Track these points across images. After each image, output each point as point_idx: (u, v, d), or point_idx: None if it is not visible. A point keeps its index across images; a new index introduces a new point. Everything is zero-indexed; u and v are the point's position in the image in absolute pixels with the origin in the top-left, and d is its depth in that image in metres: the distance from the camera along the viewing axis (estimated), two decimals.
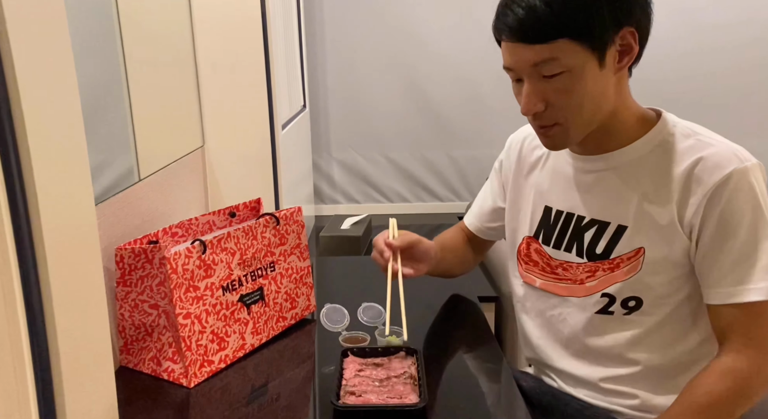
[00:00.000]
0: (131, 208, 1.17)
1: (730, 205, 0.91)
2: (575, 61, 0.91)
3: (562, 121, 0.96)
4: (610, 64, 0.94)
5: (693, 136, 0.98)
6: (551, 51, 0.91)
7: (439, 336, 1.21)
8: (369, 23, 2.47)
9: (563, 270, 1.07)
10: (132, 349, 1.10)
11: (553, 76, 0.92)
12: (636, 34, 0.93)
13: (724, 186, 0.91)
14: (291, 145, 1.87)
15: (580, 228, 1.05)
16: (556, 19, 0.89)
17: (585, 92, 0.93)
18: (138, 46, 1.22)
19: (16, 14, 0.61)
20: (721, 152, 0.94)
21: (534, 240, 1.13)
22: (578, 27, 0.90)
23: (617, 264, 1.00)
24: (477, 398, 1.03)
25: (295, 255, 1.24)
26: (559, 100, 0.94)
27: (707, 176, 0.93)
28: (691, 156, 0.95)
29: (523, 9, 0.91)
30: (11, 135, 0.62)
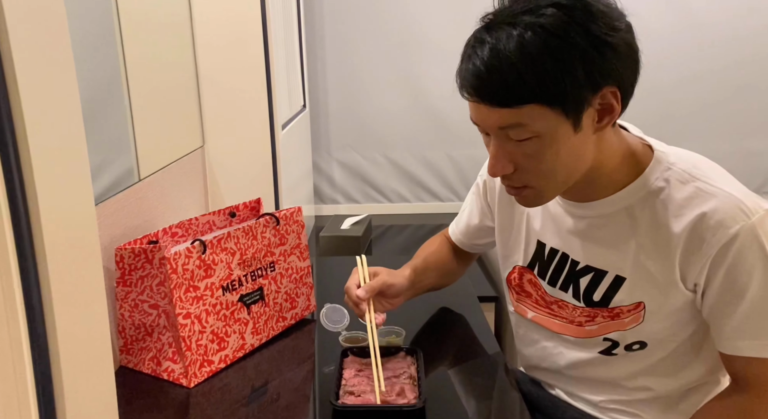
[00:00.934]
0: (131, 208, 1.17)
1: (738, 263, 0.83)
2: (546, 126, 0.80)
3: (533, 184, 0.87)
4: (587, 126, 0.83)
5: (691, 182, 0.87)
6: (518, 116, 0.80)
7: (439, 336, 1.21)
8: (369, 23, 2.47)
9: (559, 308, 1.00)
10: (132, 349, 1.10)
11: (521, 140, 0.82)
12: (618, 93, 0.82)
13: (730, 246, 0.82)
14: (291, 145, 1.87)
15: (575, 271, 0.97)
16: (524, 83, 0.77)
17: (557, 157, 0.83)
18: (138, 46, 1.22)
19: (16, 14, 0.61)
20: (724, 207, 0.83)
21: (528, 271, 1.04)
22: (549, 92, 0.78)
23: (617, 313, 0.93)
24: (476, 398, 1.03)
25: (295, 255, 1.24)
26: (529, 164, 0.84)
27: (711, 236, 0.83)
28: (691, 210, 0.85)
29: (486, 68, 0.78)
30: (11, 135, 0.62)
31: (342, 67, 2.52)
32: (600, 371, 1.01)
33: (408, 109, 2.54)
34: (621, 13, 0.83)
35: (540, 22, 0.77)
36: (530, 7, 0.78)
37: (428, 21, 2.43)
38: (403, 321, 1.19)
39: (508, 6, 0.81)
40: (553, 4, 0.77)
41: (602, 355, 0.98)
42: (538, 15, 0.77)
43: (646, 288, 0.90)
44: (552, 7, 0.77)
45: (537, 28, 0.77)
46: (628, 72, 0.83)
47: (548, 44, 0.77)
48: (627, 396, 1.00)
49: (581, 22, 0.77)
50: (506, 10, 0.81)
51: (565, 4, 0.78)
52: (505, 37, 0.77)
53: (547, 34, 0.77)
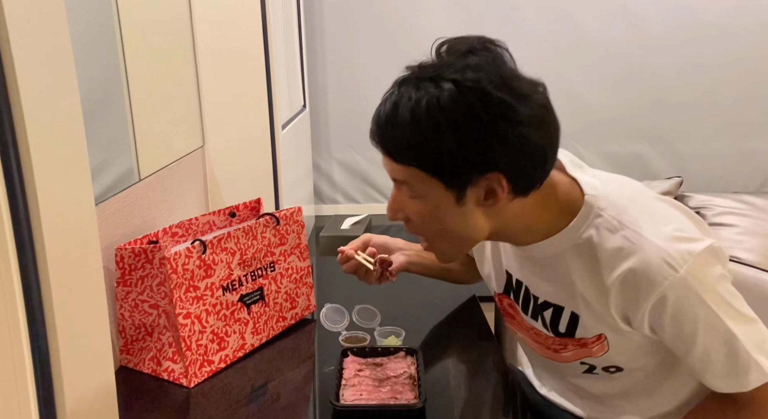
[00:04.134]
0: (131, 208, 1.17)
1: (678, 315, 0.81)
2: (426, 190, 0.81)
3: (427, 240, 0.88)
4: (472, 202, 0.81)
5: (619, 231, 0.83)
6: (404, 174, 0.81)
7: (438, 336, 1.21)
8: (369, 23, 2.47)
9: (535, 334, 0.99)
10: (132, 349, 1.10)
11: (410, 197, 0.83)
12: (503, 180, 0.79)
13: (664, 302, 0.81)
14: (291, 145, 1.87)
15: (537, 305, 0.96)
16: (408, 146, 0.79)
17: (442, 223, 0.84)
18: (138, 47, 1.22)
19: (16, 14, 0.61)
20: (650, 262, 0.80)
21: (506, 297, 1.04)
22: (428, 161, 0.78)
23: (584, 343, 0.92)
24: (476, 398, 1.03)
25: (295, 255, 1.24)
26: (416, 221, 0.85)
27: (642, 292, 0.81)
28: (620, 263, 0.82)
29: (384, 120, 0.80)
30: (11, 135, 0.62)
31: (342, 67, 2.52)
32: (588, 389, 1.01)
33: None
34: (534, 97, 0.79)
35: (435, 94, 0.77)
36: (435, 75, 0.78)
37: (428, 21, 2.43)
38: (403, 321, 1.19)
39: (424, 63, 0.81)
40: (453, 81, 0.77)
41: (585, 374, 0.98)
42: (437, 86, 0.77)
43: (600, 325, 0.89)
44: (451, 83, 0.77)
45: (432, 100, 0.77)
46: (520, 163, 0.79)
47: (434, 118, 0.76)
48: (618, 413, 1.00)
49: (472, 106, 0.76)
50: (420, 70, 0.81)
51: (463, 84, 0.76)
52: (407, 97, 0.78)
53: (437, 107, 0.76)
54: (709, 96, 2.44)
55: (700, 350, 0.83)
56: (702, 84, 2.43)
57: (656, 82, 2.41)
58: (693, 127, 2.46)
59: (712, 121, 2.46)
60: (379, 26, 2.46)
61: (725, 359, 0.83)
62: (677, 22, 2.38)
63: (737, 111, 2.46)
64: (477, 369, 1.12)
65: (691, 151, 2.44)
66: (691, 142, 2.44)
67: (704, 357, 0.84)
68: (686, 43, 2.39)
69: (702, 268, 0.80)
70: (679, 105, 2.45)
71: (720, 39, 2.39)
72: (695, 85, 2.44)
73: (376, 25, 2.46)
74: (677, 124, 2.46)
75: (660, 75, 2.41)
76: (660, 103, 2.43)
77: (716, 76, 2.42)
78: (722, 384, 0.85)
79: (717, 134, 2.47)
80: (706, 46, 2.40)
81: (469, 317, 1.28)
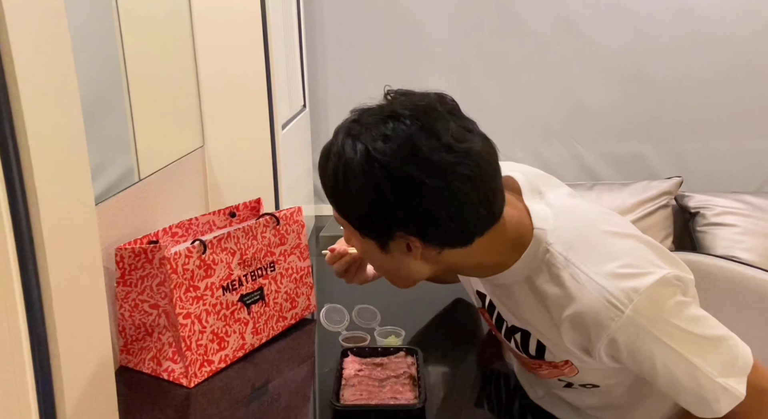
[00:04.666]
0: (131, 208, 1.17)
1: (634, 353, 0.80)
2: (355, 237, 0.84)
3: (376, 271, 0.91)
4: (397, 252, 0.82)
5: (565, 270, 0.81)
6: (337, 215, 0.85)
7: (439, 336, 1.21)
8: (369, 23, 2.47)
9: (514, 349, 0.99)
10: (132, 349, 1.10)
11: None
12: (416, 240, 0.79)
13: (616, 344, 0.79)
14: (291, 145, 1.87)
15: (508, 328, 0.95)
16: (329, 193, 0.82)
17: (381, 265, 0.87)
18: (138, 46, 1.22)
19: (16, 14, 0.61)
20: (595, 306, 0.78)
21: (486, 312, 1.03)
22: (342, 212, 0.82)
23: (555, 365, 0.91)
24: (476, 398, 1.03)
25: (295, 255, 1.24)
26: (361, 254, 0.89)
27: (593, 335, 0.80)
28: (565, 305, 0.81)
29: (322, 160, 0.82)
30: (11, 135, 0.62)
31: (342, 67, 2.52)
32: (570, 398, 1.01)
33: None
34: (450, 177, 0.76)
35: (351, 156, 0.77)
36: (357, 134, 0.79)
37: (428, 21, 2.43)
38: (403, 321, 1.19)
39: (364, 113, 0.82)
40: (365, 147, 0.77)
41: (566, 388, 0.97)
42: (353, 148, 0.78)
43: (563, 351, 0.87)
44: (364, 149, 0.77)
45: (347, 161, 0.78)
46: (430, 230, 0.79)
47: (347, 179, 0.78)
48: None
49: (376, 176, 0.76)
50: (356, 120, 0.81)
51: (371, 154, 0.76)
52: (336, 147, 0.80)
53: (350, 169, 0.78)
54: (709, 96, 2.44)
55: (665, 382, 0.82)
56: (702, 84, 2.43)
57: (656, 82, 2.41)
58: (693, 127, 2.46)
59: (712, 121, 2.46)
60: (380, 26, 2.46)
61: (691, 389, 0.81)
62: (678, 23, 2.38)
63: (737, 111, 2.45)
64: (477, 369, 1.12)
65: (691, 151, 2.44)
66: (691, 142, 2.44)
67: (671, 387, 0.82)
68: (686, 44, 2.39)
69: (650, 305, 0.78)
70: (679, 105, 2.45)
71: (720, 39, 2.39)
72: (695, 85, 2.43)
73: (376, 25, 2.46)
74: (677, 124, 2.45)
75: (660, 75, 2.41)
76: (660, 103, 2.43)
77: (716, 77, 2.42)
78: (696, 409, 0.84)
79: (717, 134, 2.47)
80: (706, 47, 2.40)
81: (469, 317, 1.28)
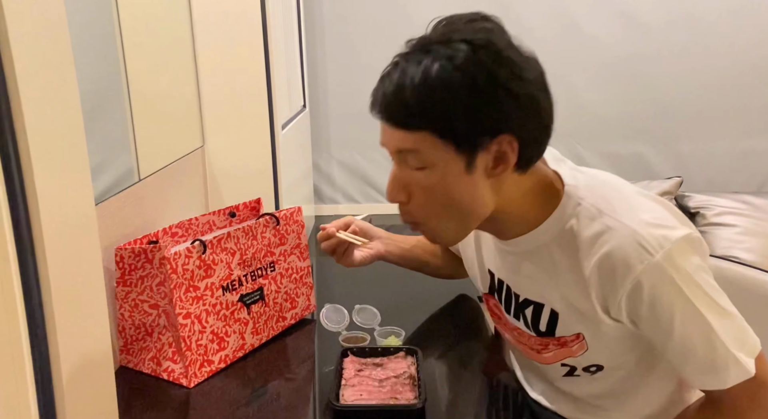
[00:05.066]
0: (131, 208, 1.17)
1: (656, 302, 0.81)
2: (437, 158, 0.80)
3: (422, 220, 0.86)
4: (481, 169, 0.81)
5: (598, 218, 0.83)
6: (414, 142, 0.80)
7: (439, 336, 1.21)
8: (369, 23, 2.47)
9: (518, 335, 1.00)
10: (132, 349, 1.10)
11: (417, 168, 0.82)
12: (515, 144, 0.79)
13: (639, 289, 0.80)
14: (291, 145, 1.87)
15: (519, 303, 0.96)
16: (420, 109, 0.78)
17: (447, 194, 0.82)
18: (138, 46, 1.22)
19: (16, 14, 0.61)
20: (626, 247, 0.80)
21: (491, 297, 1.04)
22: (441, 123, 0.78)
23: (564, 342, 0.92)
24: (476, 398, 1.03)
25: (295, 255, 1.24)
26: (420, 197, 0.83)
27: (618, 277, 0.81)
28: (597, 249, 0.82)
29: (393, 88, 0.80)
30: (11, 135, 0.62)
31: (342, 67, 2.52)
32: (571, 392, 1.01)
33: None
34: (535, 66, 0.81)
35: (448, 54, 0.77)
36: (445, 38, 0.79)
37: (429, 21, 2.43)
38: (403, 321, 1.19)
39: (428, 34, 0.82)
40: (464, 40, 0.77)
41: (566, 377, 0.98)
42: (449, 47, 0.78)
43: (578, 323, 0.89)
44: (463, 43, 0.77)
45: (444, 60, 0.77)
46: (530, 126, 0.80)
47: (449, 78, 0.77)
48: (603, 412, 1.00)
49: (486, 63, 0.77)
50: (425, 38, 0.81)
51: (476, 43, 0.77)
52: (416, 63, 0.78)
53: (451, 67, 0.77)
54: (709, 96, 2.44)
55: (678, 342, 0.82)
56: (702, 84, 2.43)
57: (656, 82, 2.41)
58: (693, 127, 2.46)
59: (712, 121, 2.46)
60: (380, 26, 2.46)
61: (704, 353, 0.82)
62: (678, 23, 2.38)
63: (737, 111, 2.45)
64: (477, 369, 1.12)
65: (691, 151, 2.44)
66: (691, 142, 2.44)
67: (683, 350, 0.83)
68: (686, 44, 2.39)
69: (679, 256, 0.80)
70: (679, 105, 2.45)
71: (720, 40, 2.39)
72: (695, 85, 2.44)
73: (376, 25, 2.46)
74: (677, 124, 2.45)
75: (660, 75, 2.41)
76: (660, 103, 2.43)
77: (716, 77, 2.42)
78: (702, 379, 0.84)
79: (717, 134, 2.47)
80: (706, 47, 2.40)
81: (469, 317, 1.28)
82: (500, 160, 0.81)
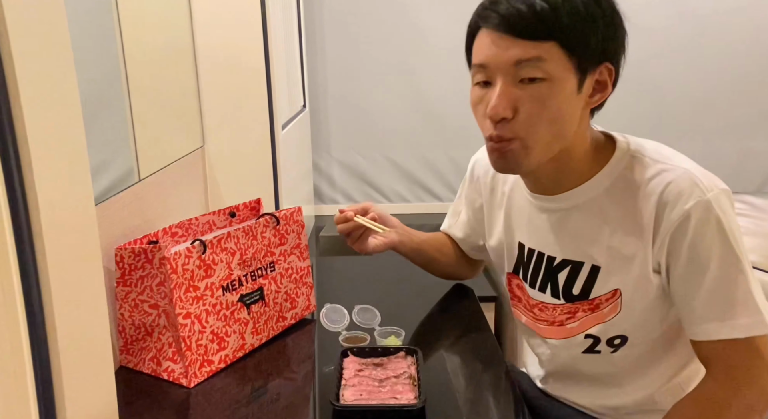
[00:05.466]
0: (131, 208, 1.17)
1: (697, 239, 0.85)
2: (559, 70, 0.84)
3: (524, 134, 0.87)
4: (585, 93, 0.87)
5: (652, 165, 0.90)
6: (540, 50, 0.83)
7: (439, 337, 1.21)
8: (369, 23, 2.47)
9: (539, 311, 1.02)
10: (132, 349, 1.10)
11: (531, 80, 0.84)
12: (613, 75, 0.88)
13: (686, 221, 0.85)
14: (291, 145, 1.87)
15: (552, 268, 0.99)
16: (555, 19, 0.82)
17: (557, 108, 0.86)
18: (138, 46, 1.22)
19: (16, 14, 0.61)
20: (681, 182, 0.86)
21: (515, 277, 1.07)
22: (572, 35, 0.83)
23: (597, 304, 0.95)
24: (476, 398, 1.03)
25: (295, 255, 1.24)
26: (531, 109, 0.85)
27: (669, 211, 0.86)
28: (653, 188, 0.88)
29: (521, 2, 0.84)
30: (11, 135, 0.62)
31: (342, 67, 2.52)
32: (589, 374, 1.02)
33: (408, 109, 2.54)
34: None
35: None
36: None
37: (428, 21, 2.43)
38: (403, 321, 1.19)
39: None
40: None
41: (586, 355, 0.99)
42: None
43: (620, 275, 0.92)
44: None
45: None
46: (620, 58, 0.89)
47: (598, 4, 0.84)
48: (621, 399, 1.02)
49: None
50: None
51: None
52: None
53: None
54: (709, 96, 2.44)
55: (708, 284, 0.86)
56: (702, 84, 2.43)
57: (656, 83, 2.41)
58: (693, 127, 2.46)
59: (712, 121, 2.46)
60: (379, 26, 2.46)
61: (729, 296, 0.86)
62: (678, 23, 2.38)
63: (737, 111, 2.46)
64: (477, 369, 1.12)
65: (691, 151, 2.44)
66: (691, 142, 2.44)
67: (708, 295, 0.86)
68: (686, 44, 2.39)
69: (725, 202, 0.86)
70: (679, 105, 2.45)
71: (721, 40, 2.39)
72: (695, 85, 2.44)
73: (376, 25, 2.46)
74: (677, 124, 2.46)
75: (660, 75, 2.41)
76: (660, 103, 2.43)
77: (716, 77, 2.42)
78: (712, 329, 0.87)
79: (717, 134, 2.47)
80: (706, 47, 2.40)
81: (469, 317, 1.28)
82: (599, 89, 0.88)
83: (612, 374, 1.01)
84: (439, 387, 1.02)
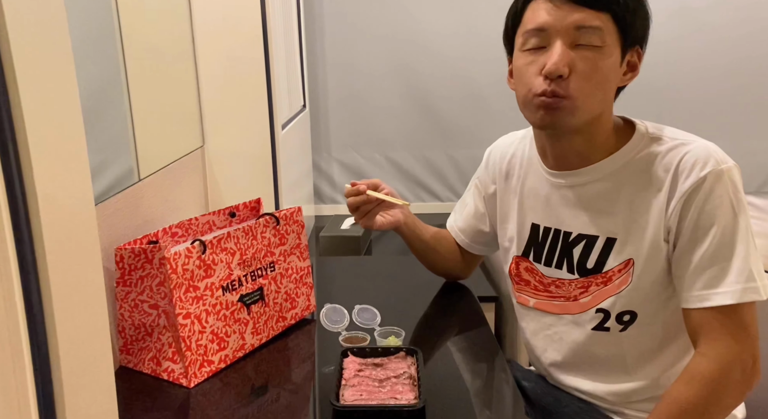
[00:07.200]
0: (131, 208, 1.17)
1: (705, 207, 0.91)
2: (611, 42, 0.92)
3: (575, 94, 0.93)
4: (622, 70, 0.96)
5: (671, 142, 0.97)
6: (599, 19, 0.91)
7: (439, 337, 1.21)
8: (369, 23, 2.47)
9: (556, 288, 1.06)
10: (132, 349, 1.10)
11: (588, 46, 0.92)
12: (641, 57, 0.97)
13: (699, 188, 0.91)
14: (291, 145, 1.87)
15: (568, 243, 1.04)
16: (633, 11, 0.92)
17: (605, 75, 0.94)
18: (138, 46, 1.22)
19: (16, 14, 0.61)
20: (698, 153, 0.93)
21: (524, 259, 1.11)
22: (627, 11, 0.91)
23: (609, 277, 0.99)
24: (477, 398, 1.03)
25: (295, 255, 1.24)
26: (584, 70, 0.92)
27: (684, 178, 0.92)
28: (671, 159, 0.95)
29: None
30: (11, 135, 0.62)
31: (342, 67, 2.52)
32: (599, 356, 1.04)
33: (408, 109, 2.54)
34: None
35: None
36: None
37: (429, 21, 2.43)
38: (403, 321, 1.19)
39: None
40: None
41: (596, 332, 1.02)
42: None
43: (634, 244, 0.97)
44: None
45: None
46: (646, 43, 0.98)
47: None
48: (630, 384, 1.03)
49: None
50: None
51: None
52: None
53: None
54: (709, 96, 2.44)
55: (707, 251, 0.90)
56: (702, 84, 2.43)
57: (656, 83, 2.41)
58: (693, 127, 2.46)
59: (712, 121, 2.46)
60: (379, 26, 2.46)
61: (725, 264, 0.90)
62: (678, 24, 2.38)
63: (737, 111, 2.46)
64: (477, 369, 1.12)
65: None
66: None
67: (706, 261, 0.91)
68: (687, 45, 2.39)
69: (737, 177, 0.92)
70: (679, 105, 2.45)
71: (721, 40, 2.39)
72: (695, 85, 2.44)
73: (376, 26, 2.46)
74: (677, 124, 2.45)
75: (660, 76, 2.41)
76: (659, 103, 2.43)
77: (716, 77, 2.42)
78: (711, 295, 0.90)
79: (717, 134, 2.46)
80: (706, 48, 2.40)
81: (469, 317, 1.28)
82: (631, 69, 0.98)
83: (619, 356, 1.03)
84: (439, 387, 1.02)
